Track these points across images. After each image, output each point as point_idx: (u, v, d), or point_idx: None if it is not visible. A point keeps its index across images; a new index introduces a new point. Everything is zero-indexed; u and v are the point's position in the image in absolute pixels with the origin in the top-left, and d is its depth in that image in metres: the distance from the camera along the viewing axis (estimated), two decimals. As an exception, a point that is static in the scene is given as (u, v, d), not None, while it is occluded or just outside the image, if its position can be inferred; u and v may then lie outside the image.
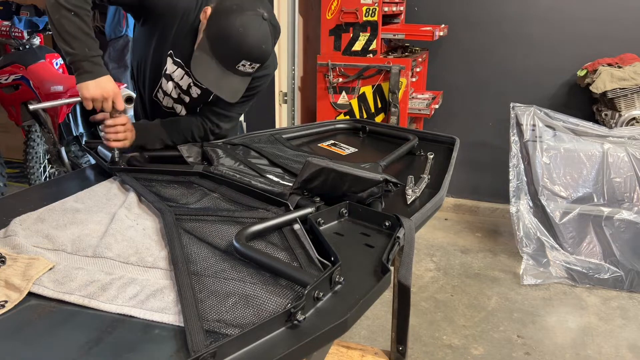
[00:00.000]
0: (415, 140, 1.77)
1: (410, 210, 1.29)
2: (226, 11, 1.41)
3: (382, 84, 3.27)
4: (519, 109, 3.06)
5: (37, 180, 3.35)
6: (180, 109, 1.71)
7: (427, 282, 3.00)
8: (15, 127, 3.45)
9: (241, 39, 1.39)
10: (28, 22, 3.39)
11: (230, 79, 1.46)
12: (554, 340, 2.51)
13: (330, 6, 3.25)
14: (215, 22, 1.43)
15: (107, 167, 1.53)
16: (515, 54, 3.61)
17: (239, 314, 0.85)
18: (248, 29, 1.39)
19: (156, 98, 1.73)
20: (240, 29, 1.38)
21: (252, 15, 1.40)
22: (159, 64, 1.64)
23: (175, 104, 1.71)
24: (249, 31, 1.39)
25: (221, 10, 1.43)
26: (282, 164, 1.55)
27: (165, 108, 1.73)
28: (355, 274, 0.98)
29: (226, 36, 1.40)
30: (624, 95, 3.04)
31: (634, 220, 2.88)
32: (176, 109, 1.72)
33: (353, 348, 1.59)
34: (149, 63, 1.66)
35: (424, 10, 3.72)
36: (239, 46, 1.40)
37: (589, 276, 2.93)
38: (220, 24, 1.41)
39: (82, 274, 0.98)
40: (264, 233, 1.11)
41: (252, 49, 1.41)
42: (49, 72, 3.17)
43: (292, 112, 3.71)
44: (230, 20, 1.39)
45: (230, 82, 1.46)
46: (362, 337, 2.50)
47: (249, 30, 1.39)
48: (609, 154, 2.92)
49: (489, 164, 3.77)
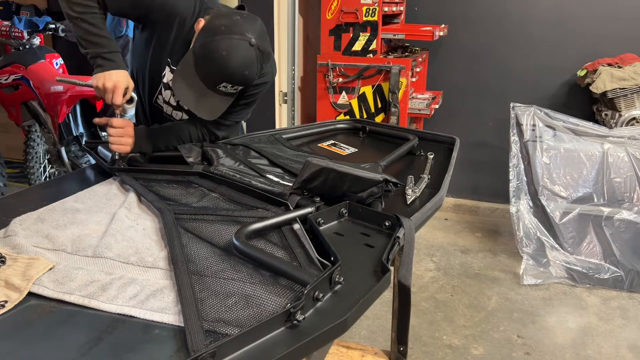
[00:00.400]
0: (415, 140, 1.77)
1: (410, 210, 1.29)
2: (214, 31, 1.40)
3: (382, 84, 3.27)
4: (519, 109, 3.06)
5: (37, 180, 3.35)
6: (180, 115, 1.71)
7: (427, 282, 3.00)
8: (15, 127, 3.45)
9: (224, 62, 1.38)
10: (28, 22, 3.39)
11: (211, 98, 1.45)
12: (554, 340, 2.51)
13: (330, 6, 3.26)
14: (202, 39, 1.41)
15: (107, 167, 1.53)
16: (515, 54, 3.61)
17: (238, 314, 0.85)
18: (232, 53, 1.37)
19: (156, 104, 1.73)
20: (224, 53, 1.37)
21: (239, 39, 1.38)
22: (158, 70, 1.65)
23: (175, 111, 1.71)
24: (233, 56, 1.38)
25: (209, 28, 1.42)
26: (282, 164, 1.55)
27: (165, 114, 1.74)
28: (355, 274, 0.98)
29: (209, 57, 1.39)
30: (624, 95, 3.04)
31: (634, 220, 2.88)
32: (176, 116, 1.72)
33: (353, 348, 1.59)
34: (147, 69, 1.66)
35: (424, 10, 3.72)
36: (221, 69, 1.40)
37: (589, 276, 2.93)
38: (206, 44, 1.40)
39: (82, 274, 0.98)
40: (263, 232, 1.11)
41: (233, 74, 1.41)
42: (49, 72, 3.17)
43: (292, 112, 3.71)
44: (216, 42, 1.38)
45: (210, 101, 1.46)
46: (362, 337, 2.50)
47: (233, 55, 1.37)
48: (609, 154, 2.92)
49: (489, 164, 3.77)
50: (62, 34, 3.28)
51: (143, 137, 1.59)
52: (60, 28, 3.27)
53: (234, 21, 1.40)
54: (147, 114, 1.78)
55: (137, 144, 1.58)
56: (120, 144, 1.53)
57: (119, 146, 1.53)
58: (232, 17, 1.41)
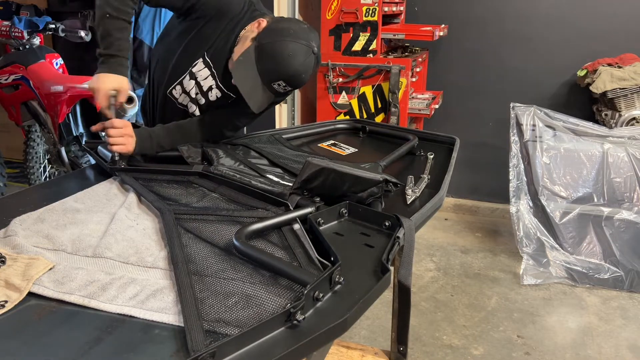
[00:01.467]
0: (415, 140, 1.77)
1: (410, 210, 1.29)
2: (282, 32, 1.49)
3: (382, 84, 3.28)
4: (519, 109, 3.06)
5: (37, 180, 3.35)
6: (194, 108, 1.72)
7: (427, 282, 3.00)
8: (15, 127, 3.45)
9: (287, 62, 1.47)
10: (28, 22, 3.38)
11: (262, 92, 1.52)
12: (554, 340, 2.51)
13: (330, 6, 3.26)
14: (269, 37, 1.49)
15: (107, 167, 1.53)
16: (515, 54, 3.61)
17: (238, 314, 0.85)
18: (297, 56, 1.46)
19: (170, 95, 1.73)
20: (290, 54, 1.46)
21: (305, 45, 1.48)
22: (188, 61, 1.66)
23: (190, 103, 1.71)
24: (297, 59, 1.47)
25: (278, 29, 1.51)
26: (282, 164, 1.55)
27: (179, 105, 1.74)
28: (355, 274, 0.98)
29: (275, 55, 1.47)
30: (624, 95, 3.04)
31: (634, 220, 2.88)
32: (190, 107, 1.72)
33: (353, 348, 1.59)
34: (174, 58, 1.68)
35: (424, 10, 3.72)
36: (283, 68, 1.48)
37: (589, 276, 2.93)
38: (274, 42, 1.48)
39: (82, 274, 0.98)
40: (263, 232, 1.11)
41: (293, 76, 1.49)
42: (49, 72, 3.16)
43: (292, 112, 3.71)
44: (284, 43, 1.47)
45: (261, 95, 1.53)
46: (362, 337, 2.50)
47: (297, 58, 1.47)
48: (609, 154, 2.92)
49: (489, 164, 3.77)
50: (62, 34, 3.27)
51: (145, 138, 1.59)
52: (60, 28, 3.27)
53: (302, 28, 1.51)
54: (156, 104, 1.79)
55: (140, 145, 1.57)
56: (120, 143, 1.53)
57: (119, 146, 1.53)
58: (300, 24, 1.53)
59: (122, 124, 1.54)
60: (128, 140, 1.54)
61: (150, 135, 1.61)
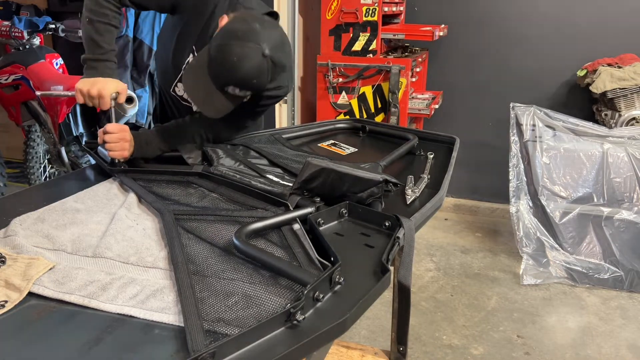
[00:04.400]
0: (415, 140, 1.77)
1: (410, 210, 1.29)
2: (229, 34, 1.38)
3: (382, 84, 3.28)
4: (519, 109, 3.06)
5: (37, 180, 3.35)
6: None
7: (427, 282, 3.00)
8: (15, 127, 3.45)
9: (234, 68, 1.36)
10: (28, 22, 3.38)
11: (218, 97, 1.43)
12: (554, 340, 2.51)
13: (330, 6, 3.26)
14: (219, 40, 1.40)
15: (107, 168, 1.52)
16: (515, 54, 3.61)
17: (238, 314, 0.85)
18: (243, 61, 1.35)
19: (174, 92, 1.73)
20: (235, 59, 1.35)
21: (253, 48, 1.35)
22: (182, 56, 1.65)
23: None
24: (243, 64, 1.35)
25: (228, 30, 1.40)
26: (282, 164, 1.54)
27: (183, 102, 1.73)
28: (355, 274, 0.98)
29: (221, 59, 1.37)
30: (624, 95, 3.04)
31: (634, 220, 2.88)
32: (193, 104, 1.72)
33: (353, 348, 1.60)
34: (170, 57, 1.67)
35: (424, 10, 3.72)
36: (230, 74, 1.38)
37: (588, 276, 2.93)
38: (221, 46, 1.38)
39: (82, 274, 0.98)
40: (263, 232, 1.11)
41: (242, 80, 1.39)
42: (49, 72, 3.16)
43: (292, 112, 3.71)
44: (229, 46, 1.36)
45: (217, 100, 1.44)
46: (362, 337, 2.50)
47: (244, 62, 1.35)
48: (608, 154, 2.92)
49: (489, 164, 3.77)
50: (62, 34, 3.27)
51: (143, 142, 1.57)
52: (60, 28, 3.27)
53: (252, 28, 1.37)
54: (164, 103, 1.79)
55: (139, 149, 1.55)
56: (117, 149, 1.50)
57: (117, 152, 1.51)
58: (252, 24, 1.39)
59: (117, 128, 1.51)
60: (124, 146, 1.51)
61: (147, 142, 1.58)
